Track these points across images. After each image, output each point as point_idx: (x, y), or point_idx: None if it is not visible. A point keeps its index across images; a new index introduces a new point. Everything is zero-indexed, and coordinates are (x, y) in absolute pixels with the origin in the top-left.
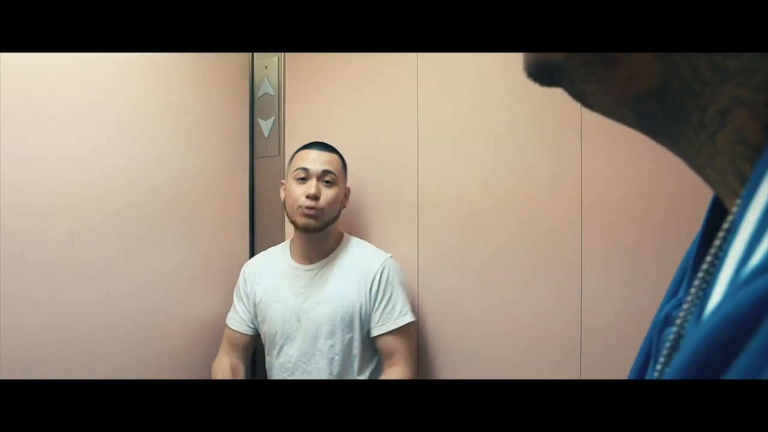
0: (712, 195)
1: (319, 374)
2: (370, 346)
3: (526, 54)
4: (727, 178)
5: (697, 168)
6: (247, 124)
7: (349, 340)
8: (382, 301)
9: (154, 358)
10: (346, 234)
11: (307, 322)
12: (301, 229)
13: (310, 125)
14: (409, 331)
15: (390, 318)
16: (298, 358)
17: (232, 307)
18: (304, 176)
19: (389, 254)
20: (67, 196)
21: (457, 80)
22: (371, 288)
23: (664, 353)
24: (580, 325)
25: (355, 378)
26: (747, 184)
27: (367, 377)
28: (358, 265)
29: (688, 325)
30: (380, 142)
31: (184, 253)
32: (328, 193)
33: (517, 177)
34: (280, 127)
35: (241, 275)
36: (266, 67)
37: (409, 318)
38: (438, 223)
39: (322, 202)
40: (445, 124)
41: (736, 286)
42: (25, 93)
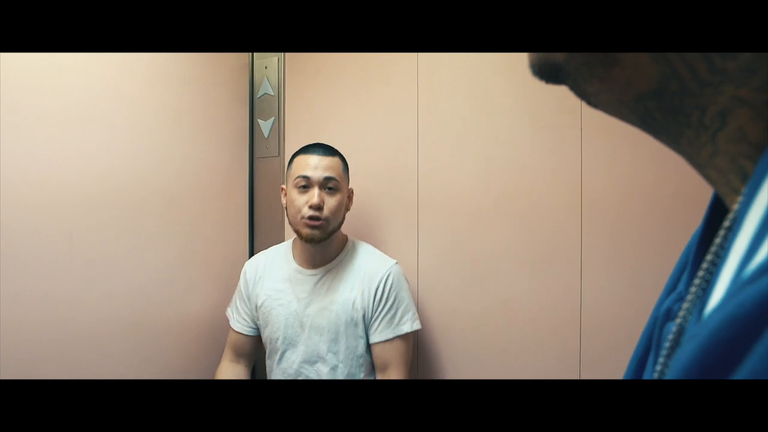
0: (713, 191)
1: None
2: None
3: (530, 53)
4: (728, 177)
5: (698, 167)
6: (247, 124)
7: (354, 348)
8: (384, 308)
9: (152, 358)
10: (350, 238)
11: (311, 329)
12: (307, 240)
13: (310, 126)
14: (407, 341)
15: (389, 326)
16: (300, 364)
17: (234, 309)
18: (306, 184)
19: (395, 261)
20: (65, 196)
21: (457, 80)
22: (375, 295)
23: (666, 349)
24: (579, 324)
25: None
26: (749, 182)
27: None
28: (363, 272)
29: (689, 322)
30: (380, 143)
31: (183, 252)
32: (332, 201)
33: (516, 176)
34: (279, 128)
35: (242, 276)
36: (266, 68)
37: (407, 328)
38: (438, 223)
39: (326, 211)
40: (445, 124)
41: (739, 283)
42: (24, 93)
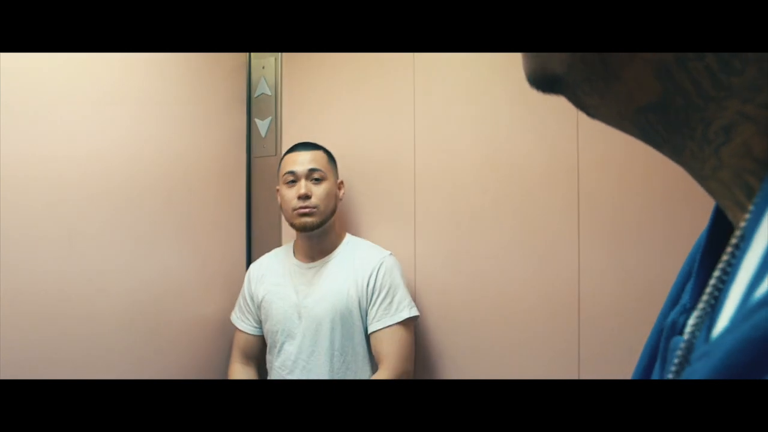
0: (715, 202)
1: (320, 371)
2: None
3: (526, 61)
4: (732, 191)
5: (700, 179)
6: (244, 124)
7: (350, 337)
8: (378, 297)
9: (152, 357)
10: (348, 234)
11: (308, 319)
12: (300, 229)
13: (307, 125)
14: (407, 329)
15: (386, 314)
16: (297, 355)
17: (239, 311)
18: (293, 179)
19: (389, 252)
20: (64, 196)
21: (454, 79)
22: (368, 284)
23: (674, 364)
24: (578, 321)
25: (357, 375)
26: (756, 199)
27: (369, 375)
28: (358, 262)
29: (698, 339)
30: (377, 142)
31: (180, 252)
32: (319, 189)
33: (513, 175)
34: (277, 127)
35: (246, 277)
36: (263, 67)
37: (405, 314)
38: (435, 222)
39: (314, 199)
40: (442, 123)
41: (752, 304)
42: (23, 93)
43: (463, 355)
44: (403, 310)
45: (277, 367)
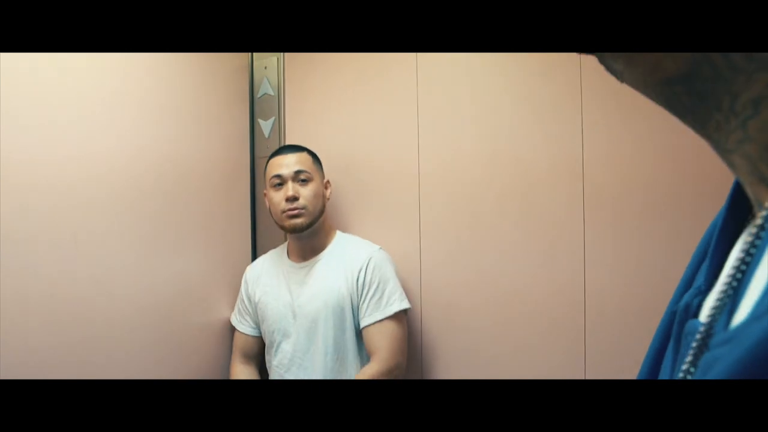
0: (734, 181)
1: (315, 368)
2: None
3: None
4: (757, 165)
5: (723, 152)
6: (248, 124)
7: (342, 333)
8: (369, 291)
9: (158, 358)
10: (339, 231)
11: (302, 317)
12: (291, 231)
13: (310, 125)
14: (399, 322)
15: (377, 309)
16: (293, 354)
17: (238, 312)
18: (280, 182)
19: (378, 246)
20: (69, 197)
21: (458, 77)
22: (358, 279)
23: (692, 348)
24: (584, 318)
25: (349, 372)
26: None
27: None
28: (348, 259)
29: (718, 323)
30: (381, 140)
31: (185, 252)
32: (306, 190)
33: (517, 172)
34: (280, 127)
35: (243, 280)
36: (266, 68)
37: (395, 308)
38: (439, 220)
39: (302, 200)
40: (445, 121)
41: None
42: (26, 95)
43: (467, 352)
44: (393, 304)
45: (275, 366)
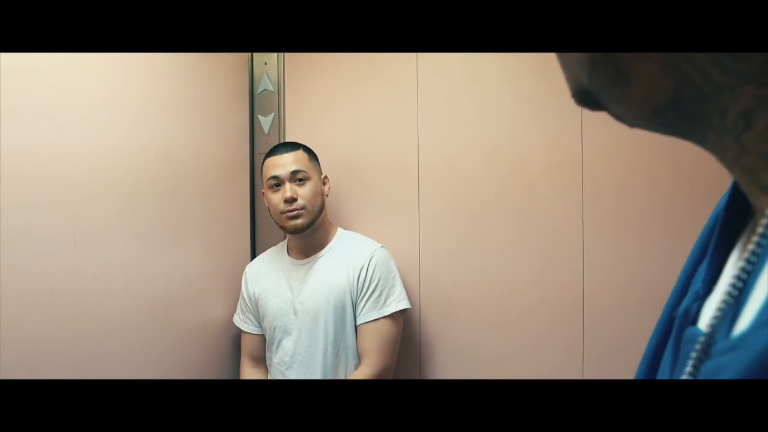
0: (732, 182)
1: (316, 365)
2: None
3: (567, 82)
4: (758, 176)
5: (727, 167)
6: (248, 120)
7: (343, 330)
8: (368, 290)
9: (157, 356)
10: (341, 229)
11: (303, 314)
12: (291, 231)
13: (310, 121)
14: (394, 323)
15: (374, 308)
16: (295, 351)
17: (240, 312)
18: (277, 183)
19: (380, 245)
20: (67, 195)
21: (457, 75)
22: (359, 277)
23: (692, 357)
24: (582, 316)
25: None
26: None
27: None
28: (349, 256)
29: (720, 332)
30: (381, 137)
31: (185, 249)
32: (304, 190)
33: (517, 171)
34: (280, 124)
35: (243, 278)
36: (266, 64)
37: (392, 308)
38: (439, 218)
39: (300, 200)
40: (445, 119)
41: None
42: (26, 92)
43: (466, 351)
44: (391, 304)
45: (276, 363)
